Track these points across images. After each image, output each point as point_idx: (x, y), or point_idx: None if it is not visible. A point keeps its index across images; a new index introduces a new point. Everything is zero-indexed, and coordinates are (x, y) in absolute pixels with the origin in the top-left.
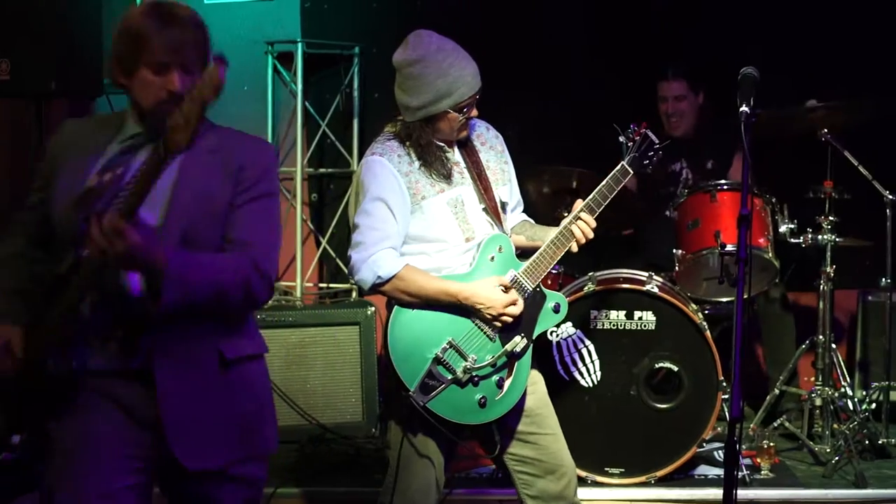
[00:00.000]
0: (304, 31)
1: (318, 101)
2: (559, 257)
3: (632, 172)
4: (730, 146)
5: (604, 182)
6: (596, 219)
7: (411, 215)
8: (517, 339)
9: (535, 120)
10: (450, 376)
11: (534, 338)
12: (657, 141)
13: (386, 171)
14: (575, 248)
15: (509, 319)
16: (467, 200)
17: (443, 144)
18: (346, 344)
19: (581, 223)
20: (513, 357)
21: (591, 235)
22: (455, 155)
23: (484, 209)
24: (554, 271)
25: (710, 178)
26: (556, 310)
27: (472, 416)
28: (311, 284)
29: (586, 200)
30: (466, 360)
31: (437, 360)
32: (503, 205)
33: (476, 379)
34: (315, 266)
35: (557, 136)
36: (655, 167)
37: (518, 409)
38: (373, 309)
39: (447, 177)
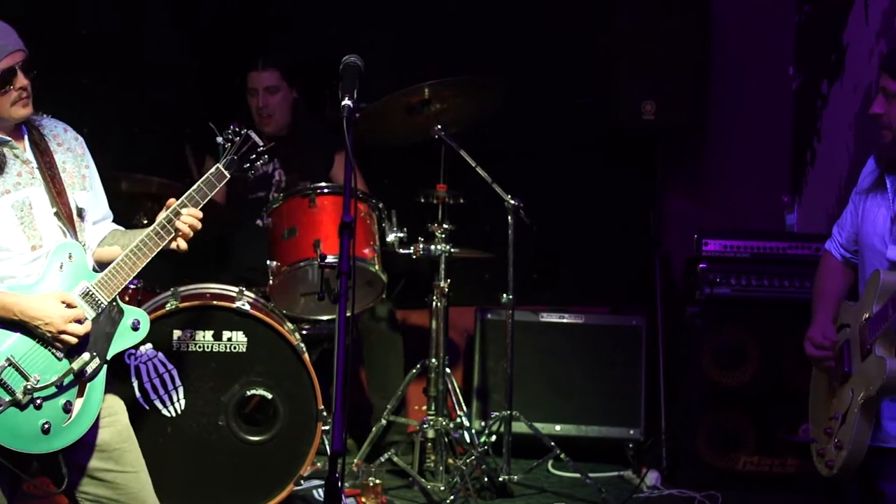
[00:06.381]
0: None
1: None
2: (140, 268)
3: (228, 176)
4: (329, 145)
5: (195, 186)
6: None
7: None
8: (86, 357)
9: (115, 117)
10: (8, 398)
11: (108, 358)
12: (261, 143)
13: None
14: (184, 246)
15: (73, 339)
16: (36, 204)
17: (9, 139)
18: None
19: (185, 217)
20: (82, 378)
21: (198, 226)
22: (27, 153)
23: (56, 214)
24: (132, 286)
25: (307, 181)
26: (136, 327)
27: (36, 444)
28: None
29: (174, 205)
30: (28, 380)
31: None
32: (80, 210)
33: (39, 401)
34: None
35: (137, 135)
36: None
37: (90, 444)
38: None
39: (0, 172)
